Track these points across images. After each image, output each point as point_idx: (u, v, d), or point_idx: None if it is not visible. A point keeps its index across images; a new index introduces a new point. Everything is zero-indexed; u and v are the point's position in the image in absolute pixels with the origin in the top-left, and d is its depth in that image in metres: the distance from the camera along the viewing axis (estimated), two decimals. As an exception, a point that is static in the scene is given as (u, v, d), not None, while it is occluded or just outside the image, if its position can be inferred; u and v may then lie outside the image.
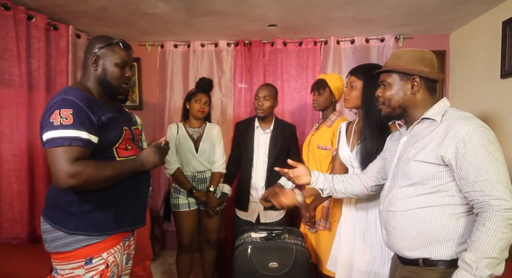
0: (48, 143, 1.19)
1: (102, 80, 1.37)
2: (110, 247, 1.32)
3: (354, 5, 2.33)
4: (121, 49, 1.39)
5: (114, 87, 1.39)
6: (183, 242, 2.36)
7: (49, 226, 1.29)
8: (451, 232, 1.12)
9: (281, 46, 3.13)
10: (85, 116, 1.22)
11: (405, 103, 1.25)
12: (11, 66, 2.20)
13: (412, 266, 1.20)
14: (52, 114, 1.20)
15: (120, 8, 2.37)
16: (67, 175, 1.17)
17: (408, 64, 1.23)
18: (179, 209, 2.33)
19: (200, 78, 2.41)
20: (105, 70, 1.37)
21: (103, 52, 1.37)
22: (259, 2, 2.27)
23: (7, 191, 2.20)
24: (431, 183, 1.15)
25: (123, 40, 1.41)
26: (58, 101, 1.23)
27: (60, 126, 1.18)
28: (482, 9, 2.43)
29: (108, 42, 1.38)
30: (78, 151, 1.20)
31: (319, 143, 2.07)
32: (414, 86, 1.22)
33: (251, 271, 1.91)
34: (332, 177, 1.52)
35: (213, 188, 2.34)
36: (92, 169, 1.21)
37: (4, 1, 2.15)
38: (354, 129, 1.74)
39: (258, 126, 2.37)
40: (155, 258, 3.17)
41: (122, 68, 1.39)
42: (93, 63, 1.37)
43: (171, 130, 2.37)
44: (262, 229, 2.10)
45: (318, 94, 2.12)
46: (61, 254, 1.28)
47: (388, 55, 3.01)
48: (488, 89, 2.44)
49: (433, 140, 1.15)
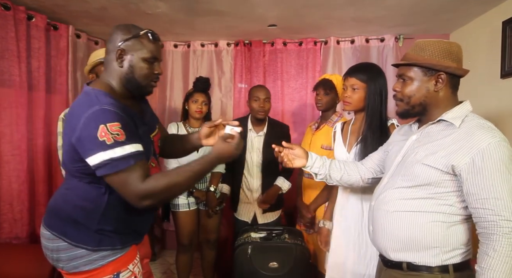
0: (109, 166, 1.03)
1: (129, 79, 1.18)
2: (133, 258, 1.25)
3: (354, 5, 2.33)
4: (150, 41, 1.19)
5: (143, 87, 1.21)
6: (183, 242, 2.36)
7: (65, 244, 1.15)
8: (440, 239, 1.08)
9: (281, 46, 3.13)
10: (131, 127, 1.10)
11: (427, 101, 1.13)
12: (11, 66, 2.20)
13: (395, 270, 1.17)
14: (98, 130, 1.01)
15: (120, 8, 2.37)
16: (142, 197, 1.06)
17: (434, 58, 1.10)
18: (179, 209, 2.33)
19: (196, 78, 2.39)
20: (133, 67, 1.17)
21: (129, 46, 1.16)
22: (259, 2, 2.27)
23: (7, 191, 2.20)
24: (432, 189, 1.09)
25: (152, 31, 1.20)
26: (97, 113, 1.04)
27: (116, 144, 1.02)
28: (482, 9, 2.43)
29: (135, 33, 1.17)
30: (142, 165, 1.08)
31: (323, 143, 2.05)
32: (438, 83, 1.11)
33: (251, 271, 1.91)
34: (330, 162, 1.45)
35: (213, 187, 2.34)
36: (163, 184, 1.09)
37: (4, 1, 2.14)
38: (350, 130, 1.71)
39: (251, 129, 2.33)
40: (155, 258, 3.17)
41: (151, 64, 1.20)
42: (117, 58, 1.16)
43: (170, 129, 2.36)
44: (262, 229, 2.10)
45: (324, 94, 2.08)
46: (84, 273, 1.15)
47: (388, 55, 3.01)
48: (488, 89, 2.44)
49: (447, 146, 1.06)
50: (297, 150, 1.42)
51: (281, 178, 2.30)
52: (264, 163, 2.29)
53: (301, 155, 1.42)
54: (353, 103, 1.62)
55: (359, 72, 1.61)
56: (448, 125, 1.11)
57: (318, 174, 1.44)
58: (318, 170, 1.43)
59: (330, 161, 1.46)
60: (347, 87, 1.64)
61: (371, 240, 1.28)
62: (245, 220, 2.35)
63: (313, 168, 1.43)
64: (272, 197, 2.26)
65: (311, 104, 3.15)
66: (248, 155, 2.32)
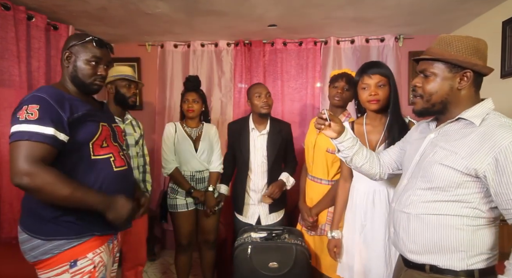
0: (12, 136, 1.16)
1: (74, 77, 1.35)
2: (95, 247, 1.28)
3: (354, 5, 2.33)
4: (94, 46, 1.35)
5: (87, 85, 1.36)
6: (182, 242, 2.35)
7: (26, 236, 1.23)
8: (466, 243, 1.05)
9: (281, 46, 3.13)
10: (53, 112, 1.19)
11: (449, 99, 1.08)
12: (11, 66, 2.20)
13: (418, 271, 1.14)
14: (20, 110, 1.18)
15: (120, 8, 2.37)
16: (21, 172, 1.12)
17: (461, 55, 1.05)
18: (177, 210, 2.32)
19: (186, 77, 2.39)
20: (76, 67, 1.34)
21: (76, 49, 1.35)
22: (259, 2, 2.27)
23: (7, 191, 2.20)
24: (454, 191, 1.05)
25: (99, 38, 1.38)
26: (28, 98, 1.21)
27: (24, 121, 1.15)
28: (482, 9, 2.43)
29: (82, 39, 1.35)
30: (40, 148, 1.15)
31: (329, 147, 1.92)
32: (463, 81, 1.05)
33: (251, 271, 1.91)
34: (358, 148, 1.36)
35: (211, 187, 2.34)
36: (51, 178, 1.14)
37: (4, 1, 2.14)
38: (366, 130, 1.64)
39: (253, 128, 2.27)
40: (154, 258, 3.17)
41: (94, 65, 1.36)
42: (65, 59, 1.36)
43: (168, 129, 2.35)
44: (262, 229, 2.10)
45: (346, 89, 1.91)
46: (43, 261, 1.22)
47: (388, 55, 3.02)
48: (488, 89, 2.43)
49: (466, 146, 1.02)
50: (336, 125, 1.31)
51: (285, 173, 2.26)
52: (269, 162, 2.24)
53: (337, 130, 1.32)
54: (382, 100, 1.54)
55: (379, 68, 1.54)
56: (468, 124, 1.06)
57: (342, 152, 1.37)
58: (344, 149, 1.35)
59: (359, 145, 1.38)
60: (370, 85, 1.55)
61: (392, 241, 1.26)
62: (249, 222, 2.29)
63: (340, 145, 1.35)
64: (278, 190, 2.20)
65: (311, 104, 3.15)
66: (252, 155, 2.27)
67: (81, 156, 1.27)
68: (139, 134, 2.21)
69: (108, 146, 1.36)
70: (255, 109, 2.23)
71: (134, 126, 2.21)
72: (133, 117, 2.23)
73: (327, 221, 1.95)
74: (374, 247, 1.61)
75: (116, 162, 1.37)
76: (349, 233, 1.71)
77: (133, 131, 2.16)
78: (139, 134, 2.22)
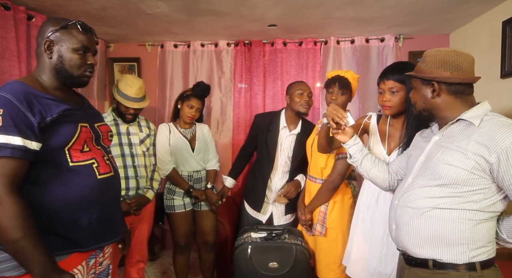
0: None
1: (59, 69, 1.16)
2: (71, 268, 1.10)
3: (354, 5, 2.33)
4: (80, 32, 1.17)
5: (75, 77, 1.18)
6: (180, 243, 2.34)
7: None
8: (467, 236, 1.09)
9: (281, 46, 3.13)
10: (20, 117, 1.00)
11: (428, 107, 1.22)
12: (11, 66, 2.20)
13: (421, 269, 1.17)
14: None
15: (120, 8, 2.37)
16: None
17: (428, 68, 1.19)
18: (175, 210, 2.30)
19: (198, 82, 2.32)
20: (62, 57, 1.15)
21: (58, 36, 1.15)
22: (259, 2, 2.27)
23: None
24: (460, 188, 1.10)
25: (81, 22, 1.19)
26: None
27: None
28: (482, 9, 2.43)
29: (64, 24, 1.16)
30: (6, 165, 0.97)
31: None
32: (434, 91, 1.18)
33: (251, 271, 1.92)
34: (366, 152, 1.47)
35: (210, 184, 2.34)
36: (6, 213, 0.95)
37: (4, 1, 2.15)
38: (388, 132, 1.65)
39: (285, 127, 2.19)
40: (154, 258, 3.17)
41: (83, 54, 1.18)
42: (46, 49, 1.15)
43: (162, 130, 2.31)
44: (262, 229, 2.10)
45: (340, 94, 1.87)
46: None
47: (388, 55, 3.03)
48: (488, 89, 2.44)
49: (469, 145, 1.09)
50: (349, 128, 1.45)
51: (300, 174, 2.24)
52: (293, 164, 2.19)
53: (349, 133, 1.45)
54: (394, 107, 1.56)
55: (396, 74, 1.55)
56: (468, 124, 1.14)
57: (353, 156, 1.47)
58: (354, 153, 1.46)
59: (367, 151, 1.49)
60: (384, 90, 1.58)
61: (394, 238, 1.28)
62: (261, 219, 2.26)
63: (350, 149, 1.46)
64: (294, 190, 2.16)
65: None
66: (277, 154, 2.20)
67: (57, 164, 1.09)
68: (145, 134, 2.21)
69: (90, 150, 1.18)
70: (294, 106, 2.14)
71: (142, 127, 2.21)
72: (143, 118, 2.24)
73: (318, 220, 1.95)
74: (371, 242, 1.66)
75: (100, 168, 1.19)
76: (353, 225, 1.80)
77: (138, 131, 2.17)
78: (146, 134, 2.22)
